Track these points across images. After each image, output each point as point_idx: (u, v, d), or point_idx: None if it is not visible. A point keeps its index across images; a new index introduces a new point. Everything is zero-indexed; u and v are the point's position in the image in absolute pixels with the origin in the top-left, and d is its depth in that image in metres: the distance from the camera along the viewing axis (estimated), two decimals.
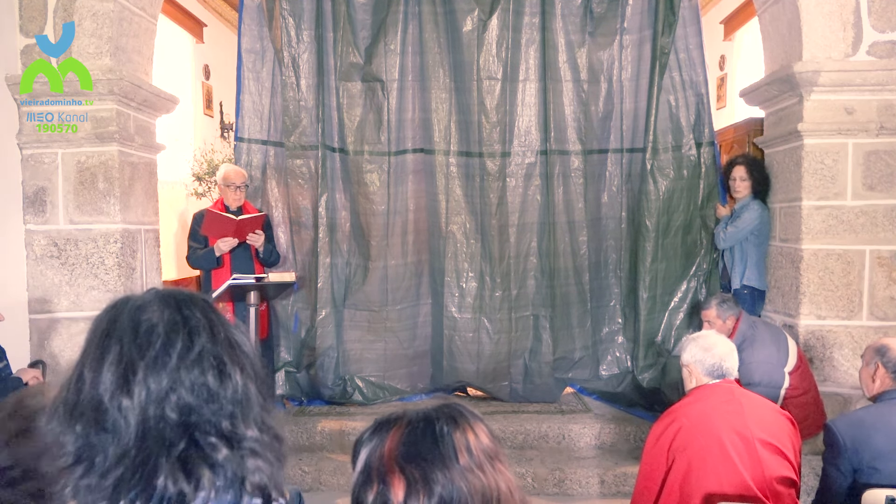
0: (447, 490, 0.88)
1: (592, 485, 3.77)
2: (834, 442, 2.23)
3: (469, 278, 4.52)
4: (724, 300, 3.59)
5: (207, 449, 0.78)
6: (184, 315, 0.83)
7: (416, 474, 0.89)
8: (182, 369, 0.79)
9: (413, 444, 0.92)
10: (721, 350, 2.32)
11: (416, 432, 0.94)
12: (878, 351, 2.37)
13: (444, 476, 0.89)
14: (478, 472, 0.91)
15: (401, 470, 0.90)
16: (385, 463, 0.91)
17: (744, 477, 2.07)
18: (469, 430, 0.95)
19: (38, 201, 3.69)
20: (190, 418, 0.78)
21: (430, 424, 0.94)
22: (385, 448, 0.93)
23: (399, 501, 0.88)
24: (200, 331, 0.82)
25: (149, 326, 0.81)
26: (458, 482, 0.89)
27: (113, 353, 0.79)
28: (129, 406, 0.76)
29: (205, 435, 0.78)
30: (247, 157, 4.49)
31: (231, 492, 0.78)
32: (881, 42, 3.64)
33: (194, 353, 0.80)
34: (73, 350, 3.72)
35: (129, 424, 0.76)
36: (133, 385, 0.77)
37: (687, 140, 4.40)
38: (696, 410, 2.19)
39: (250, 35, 4.44)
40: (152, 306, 0.83)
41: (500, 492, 0.91)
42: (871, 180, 3.67)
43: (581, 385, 4.67)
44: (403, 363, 4.63)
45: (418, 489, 0.88)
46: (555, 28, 4.42)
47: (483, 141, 4.46)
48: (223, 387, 0.80)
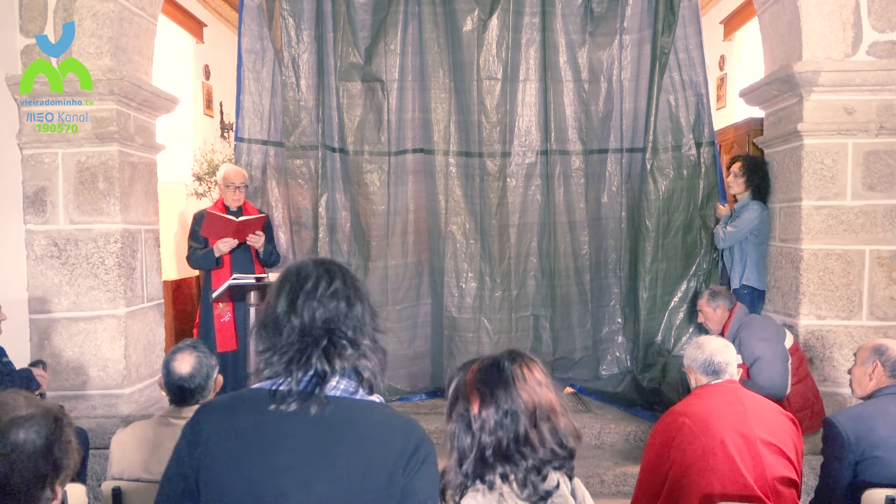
0: (507, 403, 1.32)
1: (592, 485, 3.77)
2: (836, 435, 2.23)
3: (469, 278, 4.52)
4: (717, 291, 3.70)
5: (339, 347, 1.23)
6: (328, 269, 1.30)
7: (486, 393, 1.33)
8: (325, 298, 1.26)
9: (484, 373, 1.36)
10: (712, 345, 2.33)
11: (486, 367, 1.38)
12: (877, 350, 2.39)
13: (505, 393, 1.33)
14: (529, 391, 1.33)
15: (477, 390, 1.34)
16: (466, 386, 1.37)
17: (745, 477, 2.07)
18: (524, 364, 1.37)
19: (38, 201, 3.69)
20: (330, 327, 1.24)
21: (496, 361, 1.39)
22: (467, 377, 1.38)
23: (476, 411, 1.33)
24: (336, 278, 1.29)
25: (306, 274, 1.28)
26: (515, 398, 1.32)
27: (285, 290, 1.27)
28: (295, 319, 1.24)
29: (339, 338, 1.24)
30: (247, 158, 4.49)
31: (350, 379, 1.24)
32: (881, 42, 3.64)
33: (332, 290, 1.27)
34: (73, 350, 3.73)
35: (294, 330, 1.23)
36: (297, 307, 1.25)
37: (687, 140, 4.40)
38: (697, 410, 2.19)
39: (250, 35, 4.44)
40: (308, 265, 1.31)
41: (548, 403, 1.33)
42: (871, 180, 3.68)
43: (581, 385, 4.67)
44: (403, 363, 4.63)
45: (488, 402, 1.32)
46: (555, 28, 4.42)
47: (483, 141, 4.46)
48: (350, 310, 1.27)
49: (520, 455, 1.28)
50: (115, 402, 3.76)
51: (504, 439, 1.29)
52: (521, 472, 1.28)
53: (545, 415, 1.31)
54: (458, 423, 1.33)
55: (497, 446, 1.28)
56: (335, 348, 1.22)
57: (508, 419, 1.29)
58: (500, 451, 1.28)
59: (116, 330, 3.74)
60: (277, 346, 1.23)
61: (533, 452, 1.29)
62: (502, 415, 1.30)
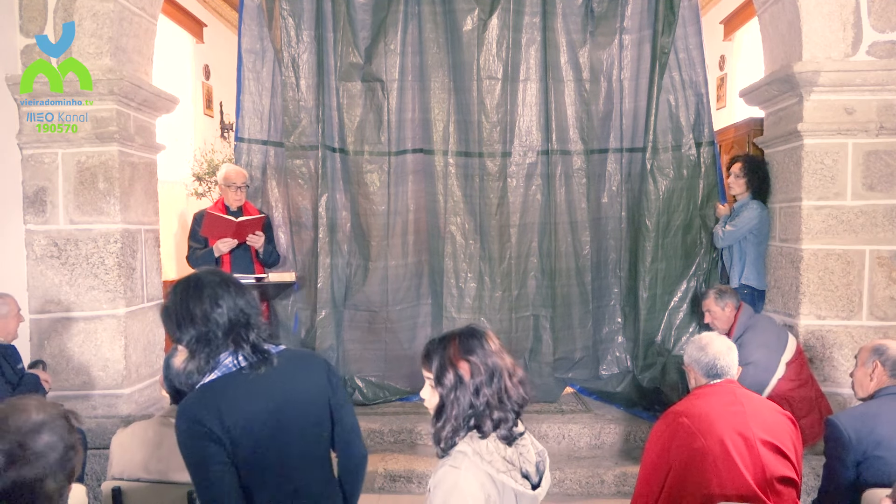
0: (491, 364, 1.60)
1: (592, 485, 3.77)
2: (838, 436, 2.23)
3: (468, 278, 4.52)
4: (723, 289, 3.69)
5: (256, 324, 1.74)
6: (222, 276, 1.76)
7: (473, 359, 1.60)
8: (237, 295, 1.73)
9: (465, 345, 1.62)
10: (716, 348, 2.31)
11: (464, 339, 1.63)
12: (876, 350, 2.39)
13: (487, 358, 1.60)
14: (498, 354, 1.63)
15: (465, 359, 1.60)
16: (453, 357, 1.61)
17: (745, 477, 2.07)
18: (488, 335, 1.66)
19: (38, 201, 3.69)
20: (246, 312, 1.73)
21: (473, 332, 1.66)
22: (451, 351, 1.62)
23: (468, 377, 1.58)
24: (231, 281, 1.75)
25: (215, 280, 1.72)
26: (495, 360, 1.61)
27: (206, 292, 1.69)
28: (222, 313, 1.68)
29: (253, 319, 1.73)
30: (247, 158, 4.49)
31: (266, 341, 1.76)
32: (881, 42, 3.64)
33: (235, 288, 1.74)
34: (73, 350, 3.73)
35: (223, 320, 1.68)
36: (222, 304, 1.69)
37: (687, 140, 4.40)
38: (697, 411, 2.19)
39: (250, 35, 4.44)
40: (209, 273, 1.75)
41: (511, 363, 1.65)
42: (871, 180, 3.68)
43: (581, 385, 4.67)
44: (403, 363, 4.62)
45: (478, 366, 1.59)
46: (555, 27, 4.42)
47: (483, 141, 4.46)
48: (250, 299, 1.76)
49: (505, 404, 1.59)
50: (115, 402, 3.76)
51: (494, 394, 1.58)
52: (508, 418, 1.59)
53: (511, 371, 1.63)
54: (456, 389, 1.58)
55: (489, 400, 1.58)
56: (256, 326, 1.73)
57: (495, 377, 1.59)
58: (493, 404, 1.58)
59: (116, 330, 3.74)
60: (210, 334, 1.66)
61: (511, 401, 1.60)
62: (489, 375, 1.59)
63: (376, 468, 3.82)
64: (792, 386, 3.36)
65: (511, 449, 1.58)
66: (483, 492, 1.50)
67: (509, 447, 1.58)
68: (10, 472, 1.25)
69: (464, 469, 1.51)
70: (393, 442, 4.11)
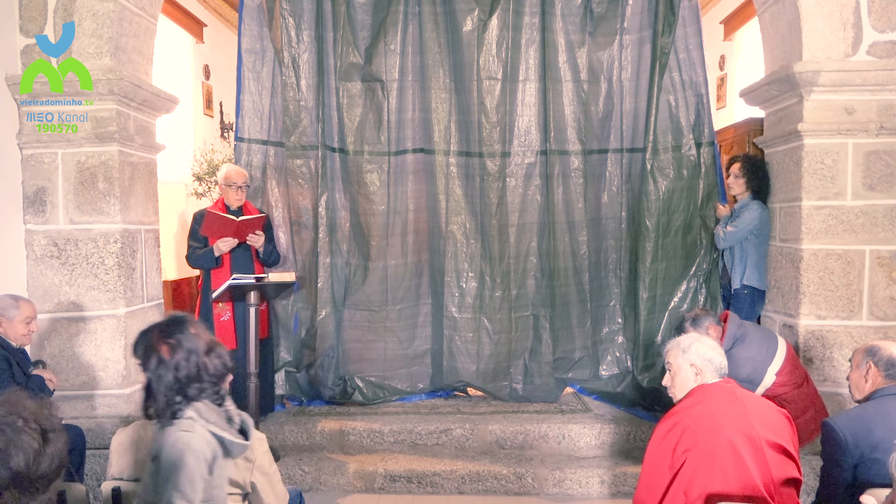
0: (188, 346, 1.93)
1: (592, 485, 3.77)
2: (834, 438, 2.23)
3: (469, 278, 4.53)
4: (696, 315, 3.49)
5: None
6: None
7: (172, 341, 1.92)
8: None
9: (166, 331, 1.95)
10: (721, 349, 2.37)
11: (166, 327, 1.96)
12: (869, 352, 2.39)
13: (185, 340, 1.93)
14: (197, 336, 1.96)
15: (164, 342, 1.92)
16: (155, 342, 1.93)
17: (753, 478, 2.06)
18: (192, 323, 1.99)
19: (38, 201, 3.69)
20: None
21: (175, 321, 1.98)
22: (154, 337, 1.94)
23: (168, 357, 1.91)
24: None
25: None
26: (193, 342, 1.94)
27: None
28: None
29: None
30: (247, 157, 4.49)
31: None
32: (881, 42, 3.64)
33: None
34: (73, 350, 3.72)
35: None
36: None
37: (687, 140, 4.40)
38: (700, 411, 2.18)
39: (250, 35, 4.44)
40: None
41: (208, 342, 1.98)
42: (871, 180, 3.68)
43: (581, 385, 4.67)
44: (403, 363, 4.63)
45: (176, 348, 1.92)
46: (555, 28, 4.42)
47: (483, 141, 4.47)
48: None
49: (202, 376, 1.93)
50: (115, 402, 3.76)
51: (192, 369, 1.91)
52: (207, 386, 1.94)
53: (209, 349, 1.96)
54: (157, 369, 1.90)
55: (188, 375, 1.90)
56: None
57: (193, 356, 1.92)
58: (192, 377, 1.91)
59: (116, 330, 3.73)
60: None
61: (209, 374, 1.94)
62: (186, 354, 1.91)
63: (376, 468, 3.82)
64: (785, 389, 3.34)
65: (222, 409, 1.98)
66: (210, 448, 1.87)
67: (220, 408, 1.97)
68: None
69: (193, 432, 1.86)
70: (393, 442, 4.11)
